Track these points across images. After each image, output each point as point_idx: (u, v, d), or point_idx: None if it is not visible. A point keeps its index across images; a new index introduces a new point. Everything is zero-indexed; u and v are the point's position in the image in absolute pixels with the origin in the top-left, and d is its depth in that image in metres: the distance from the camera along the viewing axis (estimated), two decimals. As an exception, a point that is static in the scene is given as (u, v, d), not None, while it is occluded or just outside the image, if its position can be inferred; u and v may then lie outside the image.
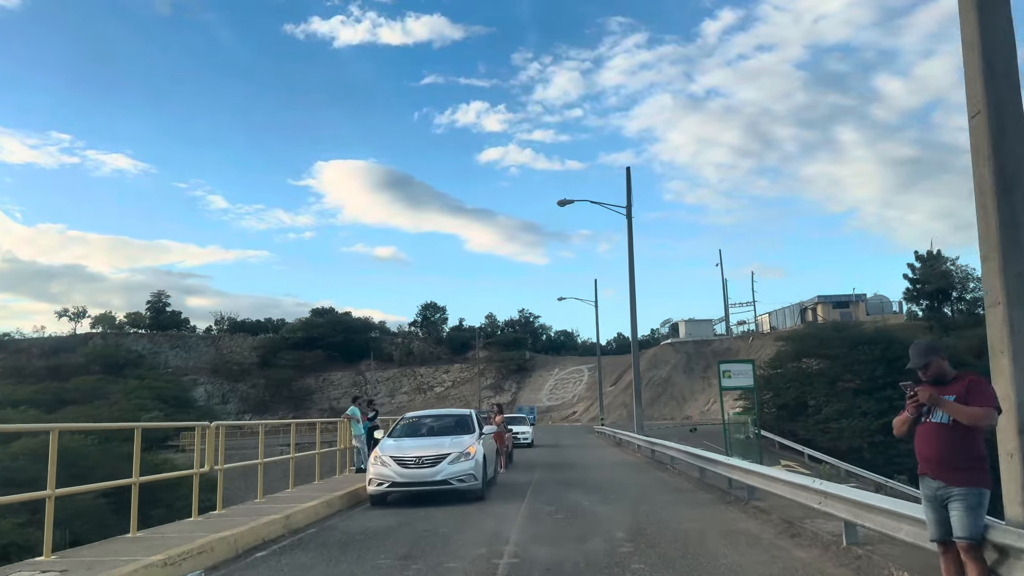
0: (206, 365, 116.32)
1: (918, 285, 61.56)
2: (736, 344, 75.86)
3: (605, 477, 16.83)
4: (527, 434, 32.43)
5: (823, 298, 71.04)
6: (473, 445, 12.38)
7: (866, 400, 43.95)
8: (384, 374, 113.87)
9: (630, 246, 26.52)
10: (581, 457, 25.26)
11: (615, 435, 35.70)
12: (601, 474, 17.74)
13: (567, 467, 20.32)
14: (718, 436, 51.93)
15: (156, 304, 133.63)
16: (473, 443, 12.44)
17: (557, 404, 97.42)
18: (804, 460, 42.62)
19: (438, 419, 14.17)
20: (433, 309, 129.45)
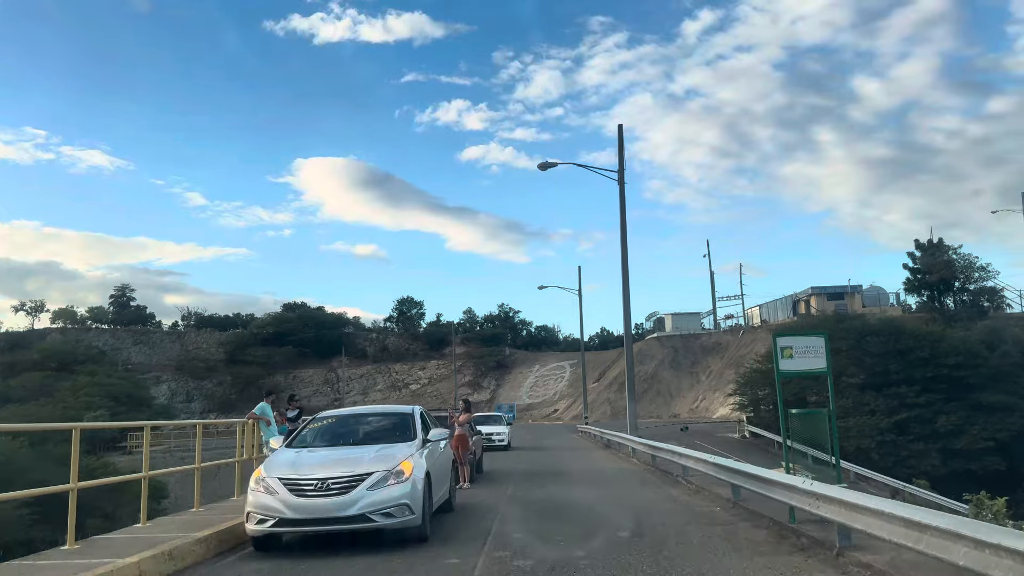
0: (170, 362, 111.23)
1: (919, 275, 58.17)
2: (725, 338, 72.23)
3: (602, 496, 12.80)
4: (503, 435, 28.37)
5: (817, 289, 67.52)
6: (409, 459, 8.40)
7: (874, 397, 40.33)
8: (357, 371, 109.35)
9: (622, 215, 22.54)
10: (566, 463, 21.23)
11: (602, 435, 31.71)
12: (595, 490, 13.72)
13: (550, 478, 16.29)
14: (710, 436, 48.18)
15: (120, 299, 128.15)
16: (409, 456, 8.48)
17: (538, 402, 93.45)
18: (808, 462, 38.94)
19: (365, 421, 10.03)
20: (410, 304, 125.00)
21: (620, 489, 13.83)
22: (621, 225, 23.00)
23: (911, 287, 60.59)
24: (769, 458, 40.25)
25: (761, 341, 66.11)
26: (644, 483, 14.74)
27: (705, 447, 42.89)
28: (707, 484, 12.68)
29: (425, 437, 9.26)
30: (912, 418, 38.78)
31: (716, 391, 65.54)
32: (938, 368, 40.28)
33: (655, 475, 16.13)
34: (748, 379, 46.15)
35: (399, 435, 9.14)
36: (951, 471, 37.26)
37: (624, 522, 9.62)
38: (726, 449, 42.44)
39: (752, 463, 33.37)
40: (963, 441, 37.20)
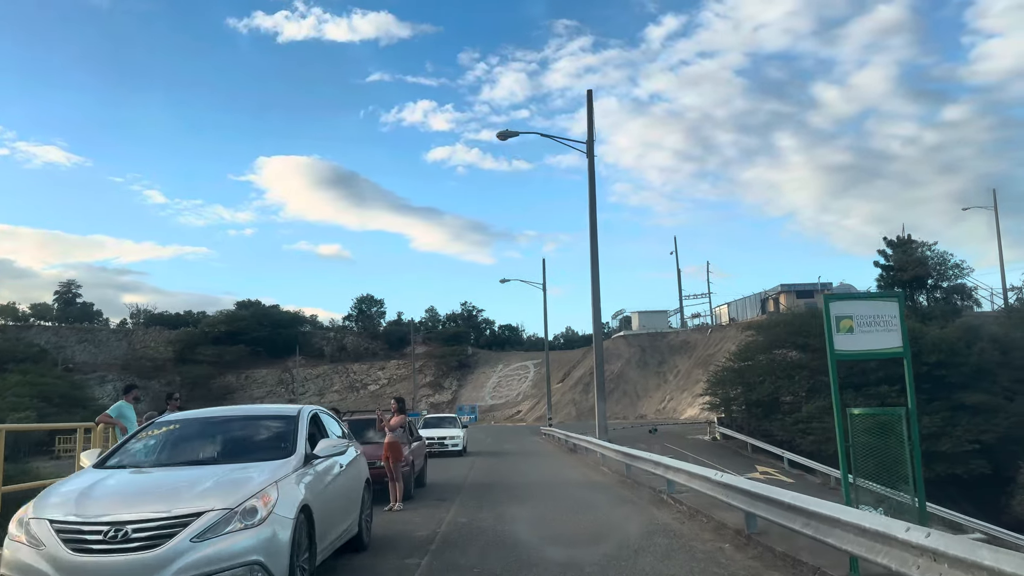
0: (116, 361, 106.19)
1: (891, 272, 56.50)
2: (694, 337, 70.11)
3: (569, 524, 9.91)
4: (457, 439, 25.47)
5: (786, 287, 65.72)
6: (271, 488, 5.51)
7: (852, 396, 38.04)
8: (313, 371, 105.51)
9: (591, 190, 19.77)
10: (526, 472, 18.41)
11: (567, 438, 28.97)
12: (561, 514, 10.87)
13: (505, 494, 13.43)
14: (680, 438, 45.70)
15: (65, 295, 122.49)
16: (272, 482, 5.59)
17: (501, 403, 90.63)
18: (783, 466, 36.73)
19: (226, 427, 6.97)
20: (369, 302, 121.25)
21: (592, 512, 11.00)
22: (590, 202, 20.26)
23: (885, 284, 58.82)
24: (743, 461, 37.97)
25: (730, 339, 64.09)
26: (621, 502, 11.96)
27: (676, 450, 40.46)
28: (702, 505, 9.98)
29: (310, 452, 6.39)
30: (894, 419, 36.61)
31: (684, 391, 63.34)
32: (918, 366, 38.29)
33: (632, 490, 13.39)
34: (719, 378, 43.81)
35: (272, 449, 6.28)
36: (935, 475, 35.22)
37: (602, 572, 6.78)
38: (697, 452, 40.05)
39: (726, 467, 30.62)
40: (947, 443, 35.17)
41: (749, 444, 39.96)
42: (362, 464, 8.13)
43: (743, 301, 69.95)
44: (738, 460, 37.84)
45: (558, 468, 19.53)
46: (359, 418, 13.66)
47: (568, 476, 16.76)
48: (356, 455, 7.93)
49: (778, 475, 34.89)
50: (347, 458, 7.38)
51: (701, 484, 9.73)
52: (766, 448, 38.37)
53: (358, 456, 8.06)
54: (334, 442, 6.55)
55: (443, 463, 21.58)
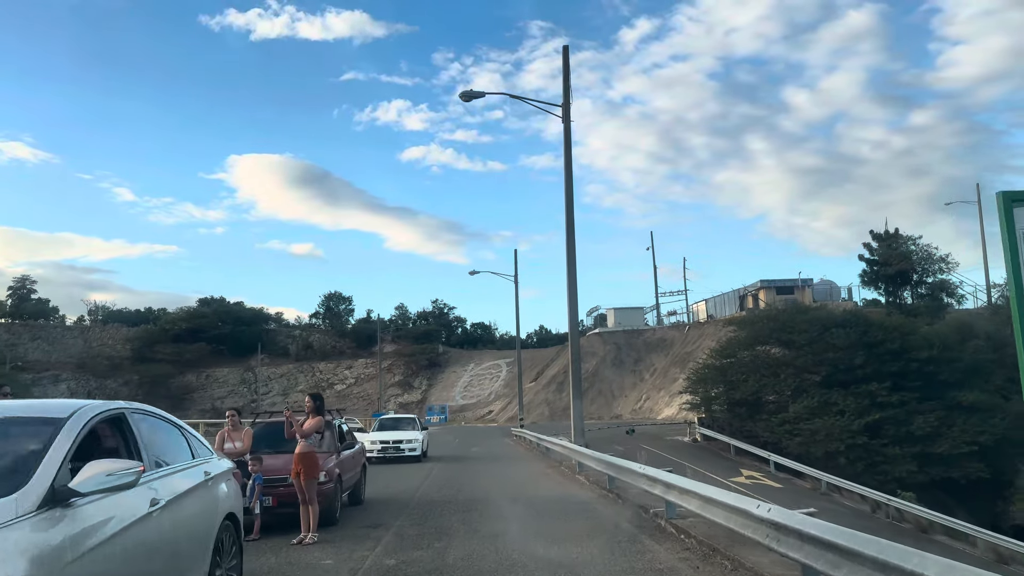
0: (71, 359, 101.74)
1: (876, 267, 54.63)
2: (671, 334, 67.88)
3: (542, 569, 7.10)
4: (415, 443, 22.71)
5: (766, 283, 63.74)
6: None
7: (842, 395, 35.89)
8: (277, 370, 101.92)
9: (567, 158, 17.16)
10: (491, 483, 15.71)
11: (539, 441, 26.36)
12: (530, 551, 7.99)
13: (459, 516, 10.67)
14: (659, 439, 43.25)
15: (19, 291, 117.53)
16: None
17: (472, 402, 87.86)
18: (770, 469, 34.41)
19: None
20: (338, 300, 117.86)
21: (569, 546, 8.21)
22: (566, 173, 17.64)
23: (869, 279, 56.89)
24: (727, 465, 35.60)
25: (709, 337, 61.96)
26: (605, 530, 9.20)
27: (655, 452, 37.95)
28: (717, 538, 7.33)
29: (64, 485, 3.60)
30: (885, 419, 34.52)
31: (661, 390, 61.06)
32: (909, 362, 36.24)
33: (619, 510, 10.73)
34: (700, 376, 41.41)
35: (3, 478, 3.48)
36: (930, 479, 33.10)
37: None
38: (677, 454, 37.62)
39: (709, 471, 28.09)
40: (943, 445, 33.03)
41: (732, 446, 37.64)
42: (217, 496, 5.35)
43: (721, 298, 67.89)
44: (721, 463, 35.48)
45: (528, 477, 16.86)
46: (273, 420, 10.96)
47: (539, 489, 14.10)
48: (205, 481, 5.18)
49: (764, 479, 32.55)
50: (177, 488, 4.68)
51: (728, 516, 6.99)
52: (750, 450, 36.05)
53: (212, 481, 5.30)
54: (111, 466, 3.64)
55: (396, 471, 18.88)
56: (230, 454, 9.37)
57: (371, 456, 22.50)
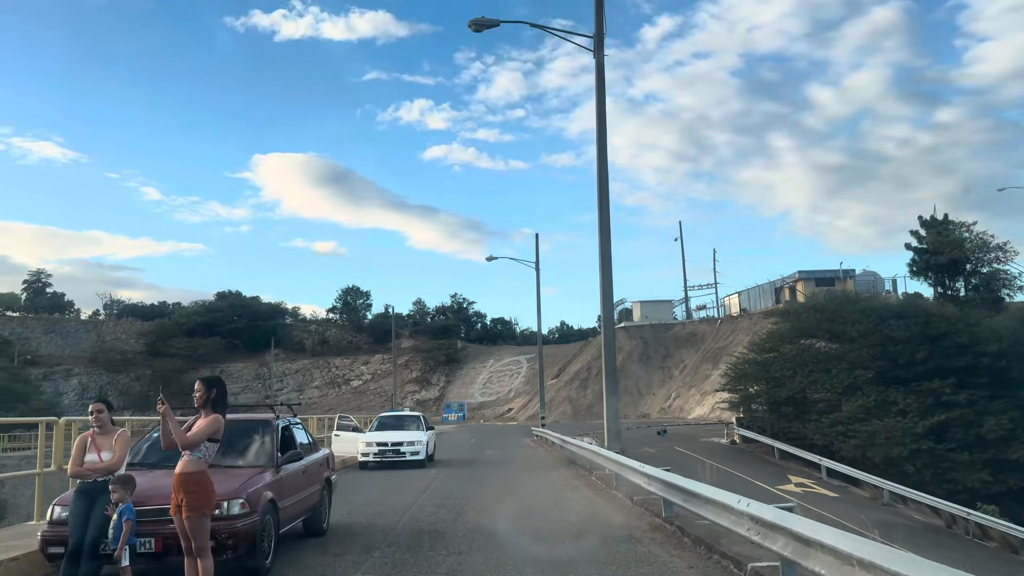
0: (84, 353, 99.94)
1: (926, 255, 50.44)
2: (701, 328, 64.07)
3: None
4: (418, 446, 19.38)
5: (804, 273, 59.76)
6: None
7: (902, 394, 32.02)
8: (293, 365, 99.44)
9: (600, 99, 13.67)
10: (502, 502, 12.27)
11: (563, 444, 22.92)
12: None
13: (446, 568, 7.11)
14: (692, 441, 39.57)
15: (34, 284, 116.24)
16: None
17: (491, 400, 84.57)
18: (821, 476, 30.74)
19: None
20: (355, 294, 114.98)
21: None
22: (598, 115, 14.18)
23: (918, 269, 52.59)
24: (772, 470, 31.99)
25: (743, 331, 58.13)
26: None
27: (690, 455, 34.35)
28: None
29: None
30: (952, 420, 30.68)
31: (691, 388, 57.32)
32: (977, 357, 32.31)
33: (696, 560, 7.08)
34: (739, 372, 37.70)
35: None
36: (1006, 488, 29.23)
37: None
38: (714, 458, 34.01)
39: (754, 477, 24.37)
40: (1020, 450, 29.18)
41: (776, 449, 33.96)
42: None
43: (755, 290, 64.00)
44: (765, 468, 31.87)
45: (550, 493, 13.41)
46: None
47: (567, 512, 10.62)
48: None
49: (816, 487, 28.88)
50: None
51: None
52: (798, 454, 32.35)
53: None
54: None
55: (391, 480, 15.58)
56: (92, 470, 6.09)
57: (366, 460, 19.24)
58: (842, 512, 23.93)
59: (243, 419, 7.85)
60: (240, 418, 7.79)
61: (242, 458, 7.21)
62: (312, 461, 8.60)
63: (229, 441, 6.88)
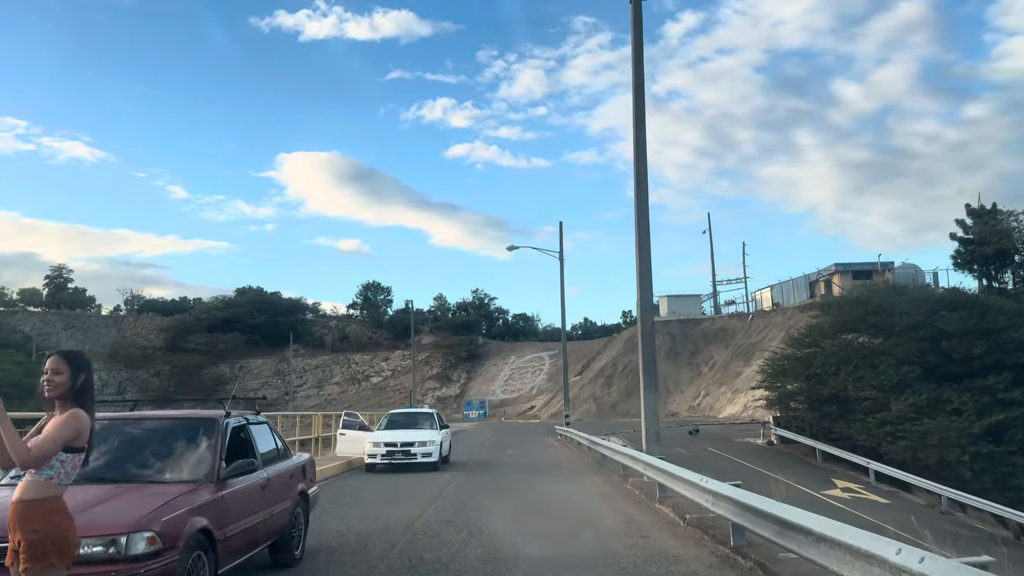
0: (103, 349, 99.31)
1: (971, 246, 47.62)
2: (732, 323, 61.64)
3: None
4: (430, 446, 17.45)
5: (841, 266, 57.19)
6: None
7: (956, 391, 29.60)
8: (313, 361, 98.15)
9: (636, 44, 11.61)
10: (524, 517, 10.18)
11: (592, 445, 20.89)
12: None
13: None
14: (726, 441, 37.30)
15: (56, 280, 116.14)
16: None
17: (513, 397, 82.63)
18: (869, 480, 28.44)
19: None
20: (376, 290, 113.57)
21: None
22: (635, 71, 12.15)
23: (963, 261, 49.70)
24: (814, 473, 29.76)
25: (776, 326, 55.65)
26: None
27: (725, 457, 32.15)
28: None
29: None
30: (1012, 420, 28.21)
31: (722, 385, 54.96)
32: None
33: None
34: (777, 368, 35.40)
35: None
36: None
37: None
38: (751, 460, 31.82)
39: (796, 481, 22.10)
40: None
41: (818, 450, 31.69)
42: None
43: (789, 284, 61.46)
44: (808, 472, 29.63)
45: (581, 506, 11.39)
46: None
47: (603, 535, 8.47)
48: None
49: (865, 492, 26.61)
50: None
51: None
52: (843, 456, 30.06)
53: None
54: None
55: (398, 486, 13.70)
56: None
57: (373, 462, 17.36)
58: (898, 519, 21.70)
59: (172, 417, 5.95)
60: (167, 416, 5.89)
61: (166, 471, 5.32)
62: (279, 472, 6.67)
63: (147, 447, 4.96)
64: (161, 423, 5.77)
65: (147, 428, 5.70)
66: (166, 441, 5.48)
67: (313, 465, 8.11)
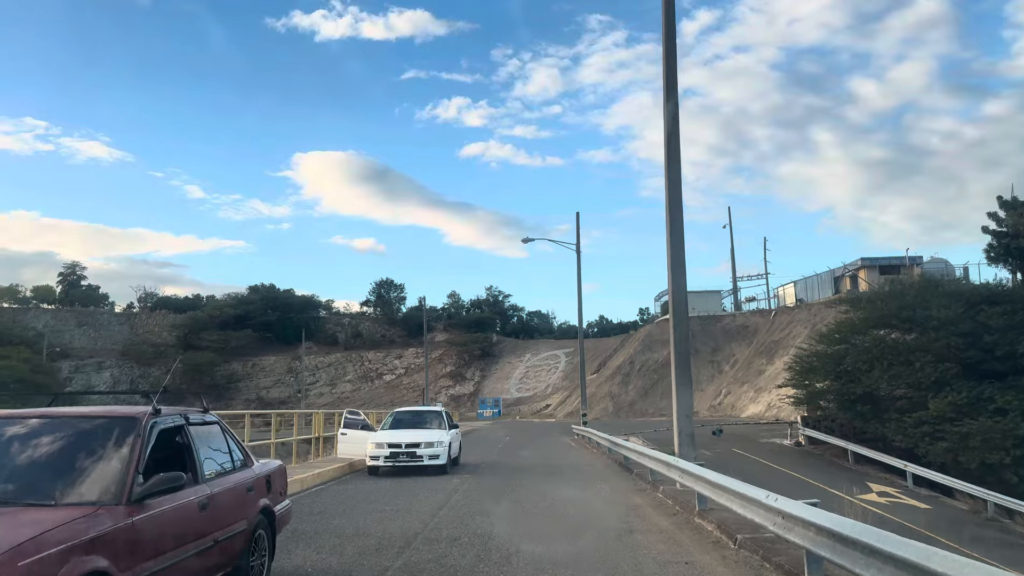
0: (116, 346, 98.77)
1: (1005, 239, 45.59)
2: (754, 320, 59.85)
3: None
4: (437, 447, 16.00)
5: (868, 261, 55.27)
6: None
7: (999, 390, 27.85)
8: (325, 359, 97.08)
9: None
10: (543, 538, 8.57)
11: (614, 446, 19.34)
12: None
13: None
14: (752, 442, 35.66)
15: (69, 277, 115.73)
16: None
17: (528, 395, 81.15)
18: (907, 484, 26.78)
19: None
20: (389, 287, 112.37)
21: None
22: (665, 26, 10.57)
23: (997, 255, 47.60)
24: (847, 476, 28.11)
25: (800, 323, 53.85)
26: None
27: (753, 458, 30.47)
28: None
29: None
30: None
31: (744, 384, 53.21)
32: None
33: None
34: (806, 365, 33.75)
35: None
36: None
37: None
38: (780, 461, 30.25)
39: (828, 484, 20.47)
40: None
41: (850, 452, 30.04)
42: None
43: (813, 279, 59.57)
44: (839, 474, 28.00)
45: (609, 522, 9.80)
46: None
47: (646, 562, 7.02)
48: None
49: (902, 497, 24.96)
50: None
51: None
52: (877, 458, 28.40)
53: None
54: None
55: (399, 491, 12.29)
56: None
57: (376, 465, 15.94)
58: (943, 528, 20.06)
59: (75, 416, 4.50)
60: (68, 415, 4.45)
61: (55, 489, 3.89)
62: (230, 486, 5.22)
63: (34, 457, 3.56)
64: (58, 424, 4.34)
65: (37, 431, 4.28)
66: (63, 448, 4.07)
67: (283, 474, 6.67)
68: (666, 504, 10.57)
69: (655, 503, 10.76)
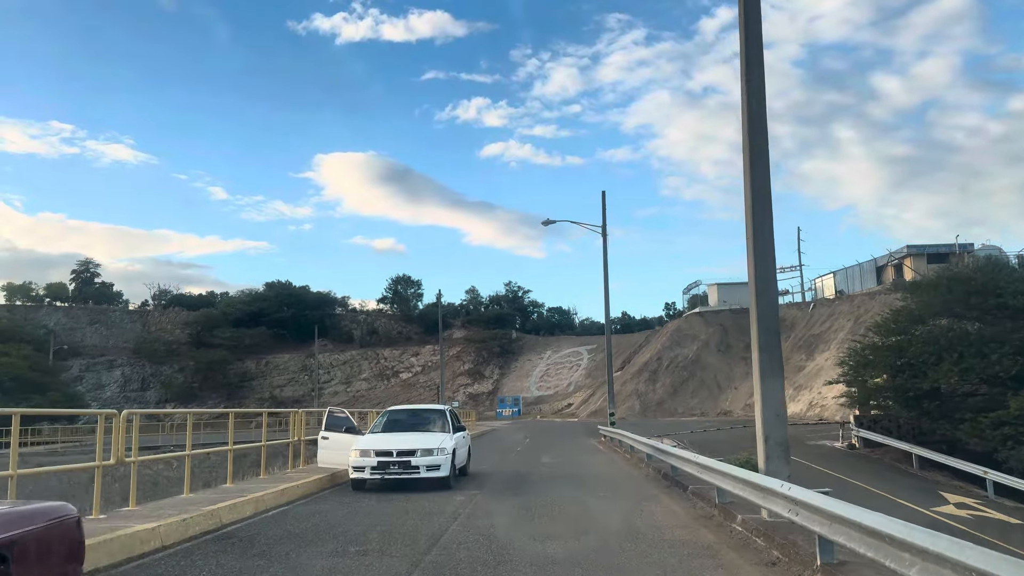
0: (128, 344, 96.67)
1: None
2: (791, 313, 56.13)
3: None
4: (438, 457, 12.75)
5: (914, 248, 51.53)
6: None
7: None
8: (340, 356, 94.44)
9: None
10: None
11: (653, 451, 16.09)
12: None
13: None
14: (798, 443, 31.99)
15: (82, 274, 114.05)
16: None
17: (549, 394, 77.84)
18: (987, 494, 23.21)
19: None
20: (406, 283, 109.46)
21: None
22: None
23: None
24: (913, 484, 24.54)
25: (843, 315, 50.08)
26: None
27: (800, 463, 26.85)
28: None
29: None
30: None
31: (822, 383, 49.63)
32: None
33: None
34: (860, 359, 30.21)
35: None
36: None
37: None
38: (832, 466, 26.65)
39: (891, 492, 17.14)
40: None
41: (915, 456, 26.50)
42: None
43: (854, 269, 55.82)
44: (904, 482, 24.52)
45: (669, 569, 6.59)
46: None
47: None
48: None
49: (986, 510, 21.40)
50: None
51: None
52: (949, 464, 24.85)
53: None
54: None
55: (375, 522, 9.23)
56: None
57: (361, 477, 12.76)
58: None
59: None
60: None
61: None
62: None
63: None
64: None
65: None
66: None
67: (69, 533, 3.45)
68: (755, 545, 7.25)
69: (737, 543, 7.42)
